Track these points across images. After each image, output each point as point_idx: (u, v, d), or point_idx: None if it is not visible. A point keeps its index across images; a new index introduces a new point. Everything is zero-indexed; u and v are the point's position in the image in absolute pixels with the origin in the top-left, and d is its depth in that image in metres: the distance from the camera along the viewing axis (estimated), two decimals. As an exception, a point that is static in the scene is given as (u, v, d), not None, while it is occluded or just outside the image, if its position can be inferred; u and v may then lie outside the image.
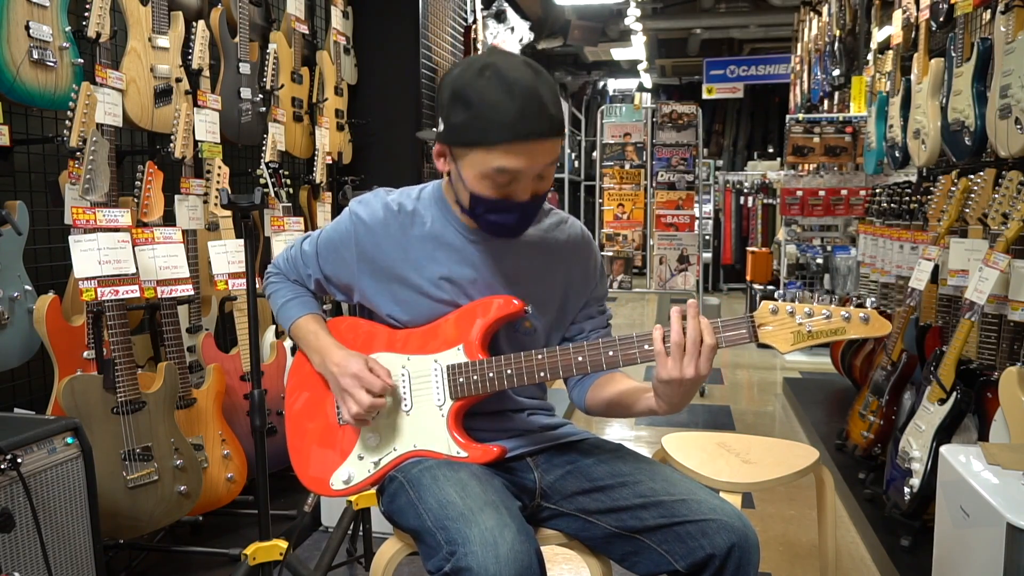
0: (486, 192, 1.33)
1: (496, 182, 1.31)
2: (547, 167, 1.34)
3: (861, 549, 2.75)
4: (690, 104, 5.31)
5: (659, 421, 4.43)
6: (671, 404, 1.32)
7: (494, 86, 1.26)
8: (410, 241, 1.46)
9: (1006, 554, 1.52)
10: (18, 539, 1.62)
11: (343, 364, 1.44)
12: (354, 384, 1.41)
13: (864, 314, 1.25)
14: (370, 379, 1.40)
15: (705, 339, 1.25)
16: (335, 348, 1.48)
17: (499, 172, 1.29)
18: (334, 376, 1.45)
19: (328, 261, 1.53)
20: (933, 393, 2.43)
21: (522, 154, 1.28)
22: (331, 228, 1.54)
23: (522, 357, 1.38)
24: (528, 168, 1.30)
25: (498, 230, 1.40)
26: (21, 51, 2.03)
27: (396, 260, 1.46)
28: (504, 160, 1.28)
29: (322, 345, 1.50)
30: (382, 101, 4.02)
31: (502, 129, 1.26)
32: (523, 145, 1.27)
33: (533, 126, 1.26)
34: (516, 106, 1.25)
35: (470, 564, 1.16)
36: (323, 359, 1.49)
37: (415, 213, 1.48)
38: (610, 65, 12.87)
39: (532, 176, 1.33)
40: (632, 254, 5.31)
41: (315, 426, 1.53)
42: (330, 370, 1.46)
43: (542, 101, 1.26)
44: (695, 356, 1.25)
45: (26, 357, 2.16)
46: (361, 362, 1.43)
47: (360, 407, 1.40)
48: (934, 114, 3.02)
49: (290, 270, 1.62)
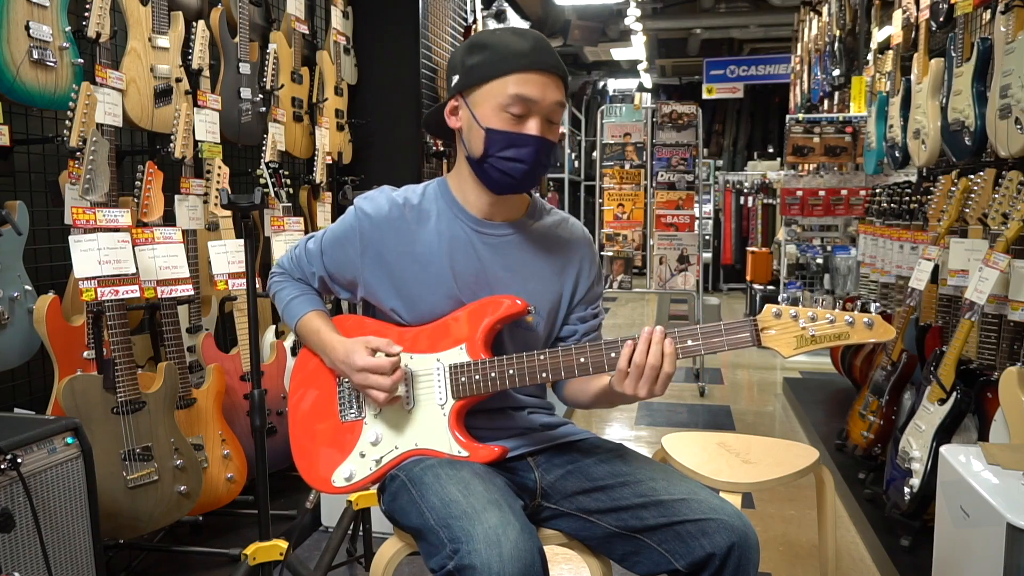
0: (507, 126, 1.39)
1: (511, 114, 1.38)
2: (555, 108, 1.40)
3: (861, 549, 2.75)
4: (690, 104, 5.31)
5: (659, 421, 4.44)
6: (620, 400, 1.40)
7: (508, 32, 1.43)
8: (414, 235, 1.47)
9: (1006, 554, 1.52)
10: (18, 539, 1.62)
11: (348, 360, 1.44)
12: (366, 377, 1.42)
13: (868, 319, 1.25)
14: (376, 363, 1.41)
15: (664, 367, 1.29)
16: (337, 344, 1.49)
17: (515, 100, 1.37)
18: (347, 375, 1.47)
19: (332, 258, 1.54)
20: (933, 393, 2.43)
21: (536, 84, 1.37)
22: (336, 225, 1.55)
23: (524, 357, 1.39)
24: (541, 98, 1.38)
25: (511, 172, 1.41)
26: (21, 51, 2.03)
27: (400, 254, 1.47)
28: (520, 87, 1.37)
29: (324, 342, 1.51)
30: (382, 101, 4.02)
31: (519, 57, 1.37)
32: (537, 75, 1.37)
33: (546, 58, 1.39)
34: (529, 43, 1.39)
35: (474, 562, 1.16)
36: (329, 358, 1.50)
37: (420, 208, 1.49)
38: (610, 65, 12.87)
39: (543, 112, 1.39)
40: (632, 254, 5.31)
41: (318, 423, 1.54)
42: (340, 369, 1.48)
43: (550, 46, 1.41)
44: (651, 380, 1.29)
45: (26, 357, 2.16)
46: (362, 350, 1.43)
47: (384, 391, 1.42)
48: (934, 114, 3.02)
49: (294, 269, 1.63)
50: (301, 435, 1.56)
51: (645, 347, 1.29)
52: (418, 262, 1.47)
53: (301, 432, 1.56)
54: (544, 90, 1.38)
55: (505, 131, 1.38)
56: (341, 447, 1.50)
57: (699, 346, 1.31)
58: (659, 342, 1.28)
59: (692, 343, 1.31)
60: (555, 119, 1.42)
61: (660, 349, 1.28)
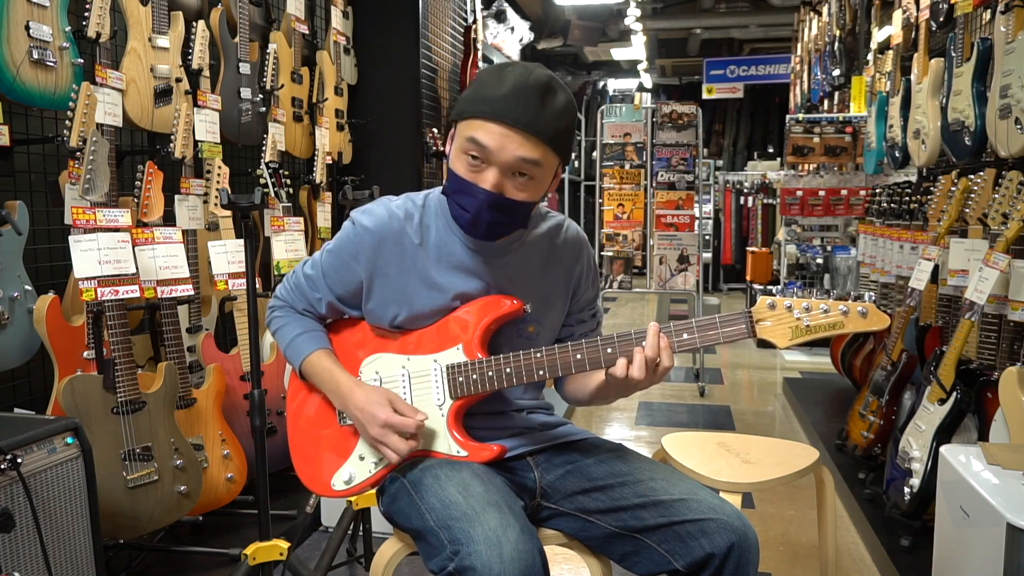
0: (459, 169, 1.34)
1: (468, 158, 1.32)
2: (522, 164, 1.30)
3: (861, 549, 2.75)
4: (690, 104, 5.31)
5: (659, 421, 4.44)
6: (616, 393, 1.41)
7: (501, 73, 1.32)
8: (415, 249, 1.45)
9: (1006, 554, 1.52)
10: (18, 539, 1.62)
11: (368, 410, 1.40)
12: (386, 433, 1.38)
13: (862, 308, 1.25)
14: (401, 422, 1.37)
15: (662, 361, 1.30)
16: (355, 388, 1.45)
17: (470, 143, 1.31)
18: (360, 423, 1.43)
19: (336, 278, 1.50)
20: (933, 393, 2.43)
21: (494, 134, 1.29)
22: (333, 244, 1.50)
23: (520, 356, 1.39)
24: (496, 150, 1.29)
25: (459, 217, 1.38)
26: (21, 51, 2.03)
27: (401, 267, 1.45)
28: (477, 132, 1.30)
29: (339, 384, 1.47)
30: (382, 101, 4.02)
31: (484, 102, 1.30)
32: (497, 125, 1.29)
33: (512, 112, 1.28)
34: (505, 90, 1.29)
35: (474, 564, 1.16)
36: (343, 401, 1.46)
37: (420, 221, 1.46)
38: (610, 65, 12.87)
39: (502, 165, 1.30)
40: (632, 254, 5.31)
41: (316, 427, 1.54)
42: (355, 415, 1.44)
43: (534, 99, 1.28)
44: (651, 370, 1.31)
45: (26, 357, 2.16)
46: (386, 406, 1.39)
47: (400, 455, 1.39)
48: (934, 114, 3.02)
49: (296, 299, 1.57)
50: (300, 439, 1.55)
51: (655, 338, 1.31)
52: (419, 276, 1.45)
53: (300, 436, 1.55)
54: (503, 142, 1.28)
55: (458, 175, 1.34)
56: (340, 450, 1.50)
57: (695, 339, 1.31)
58: (655, 334, 1.30)
59: (688, 336, 1.32)
60: (531, 174, 1.32)
61: (656, 340, 1.30)
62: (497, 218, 1.35)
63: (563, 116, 1.31)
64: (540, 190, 1.37)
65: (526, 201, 1.35)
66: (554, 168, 1.36)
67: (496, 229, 1.38)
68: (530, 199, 1.35)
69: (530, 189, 1.34)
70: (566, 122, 1.32)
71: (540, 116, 1.29)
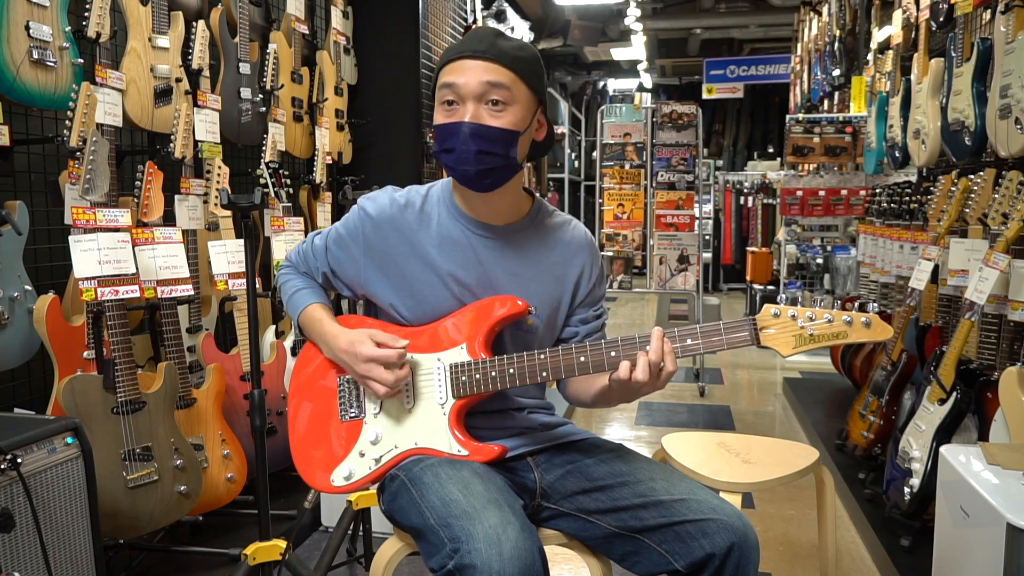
0: (441, 119, 1.40)
1: (445, 105, 1.39)
2: (487, 89, 1.36)
3: (861, 549, 2.75)
4: (690, 104, 5.31)
5: (659, 421, 4.44)
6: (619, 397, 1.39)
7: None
8: (416, 237, 1.47)
9: (1006, 554, 1.52)
10: (18, 539, 1.62)
11: (351, 349, 1.44)
12: (372, 367, 1.42)
13: (866, 318, 1.25)
14: (384, 355, 1.41)
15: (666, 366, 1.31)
16: (339, 333, 1.49)
17: (443, 89, 1.39)
18: (348, 364, 1.47)
19: (336, 256, 1.55)
20: (933, 393, 2.43)
21: (457, 69, 1.38)
22: (341, 224, 1.56)
23: (524, 357, 1.39)
24: (463, 83, 1.36)
25: (451, 165, 1.40)
26: (21, 51, 2.03)
27: (402, 255, 1.47)
28: (445, 76, 1.39)
29: (326, 332, 1.51)
30: (382, 101, 4.02)
31: (447, 54, 1.41)
32: (459, 62, 1.38)
33: (467, 46, 1.39)
34: (464, 39, 1.42)
35: (474, 561, 1.16)
36: (330, 347, 1.50)
37: (423, 209, 1.49)
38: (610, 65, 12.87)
39: (473, 95, 1.36)
40: (632, 254, 5.31)
41: (317, 422, 1.54)
42: (341, 358, 1.48)
43: (489, 35, 1.40)
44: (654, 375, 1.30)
45: (26, 357, 2.16)
46: (368, 342, 1.43)
47: (386, 385, 1.42)
48: (934, 114, 3.02)
49: (300, 263, 1.64)
50: (300, 435, 1.56)
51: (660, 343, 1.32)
52: (420, 264, 1.47)
53: (301, 432, 1.56)
54: (465, 73, 1.37)
55: (442, 123, 1.40)
56: (341, 446, 1.50)
57: (698, 345, 1.32)
58: (659, 338, 1.30)
59: (692, 342, 1.32)
60: (501, 99, 1.37)
61: (660, 344, 1.30)
62: (483, 147, 1.37)
63: (522, 48, 1.40)
64: (518, 117, 1.39)
65: (507, 128, 1.38)
66: (527, 101, 1.40)
67: (487, 164, 1.38)
68: (510, 126, 1.38)
69: (507, 115, 1.38)
70: (527, 54, 1.40)
71: (496, 45, 1.38)
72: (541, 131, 1.48)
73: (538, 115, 1.45)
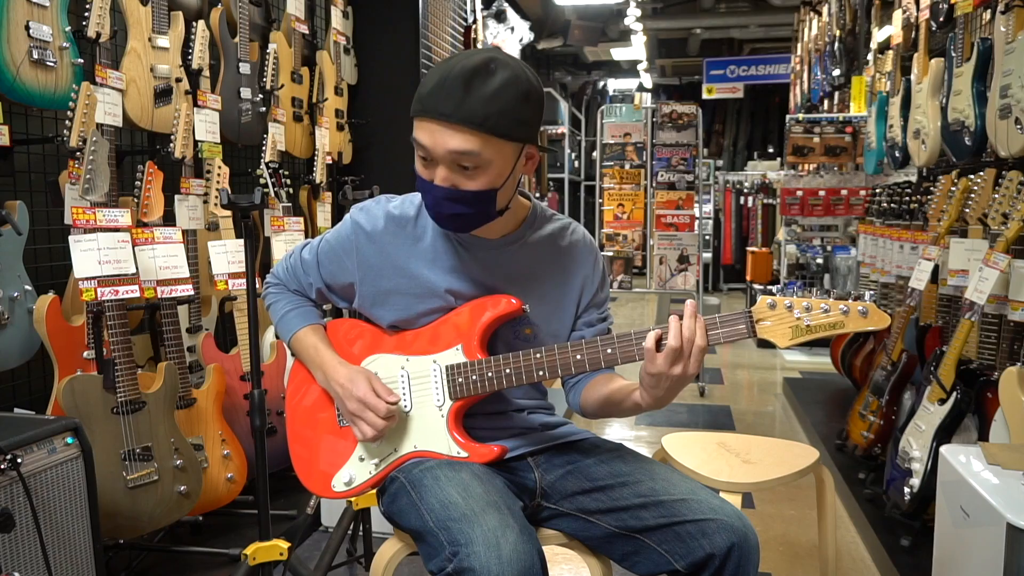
0: (418, 168, 1.35)
1: (420, 158, 1.33)
2: (458, 156, 1.27)
3: (861, 549, 2.75)
4: (690, 104, 5.30)
5: (659, 421, 4.44)
6: (656, 399, 1.31)
7: (437, 66, 1.29)
8: (410, 251, 1.46)
9: (1006, 554, 1.52)
10: (18, 539, 1.62)
11: (347, 386, 1.43)
12: (361, 409, 1.40)
13: (862, 307, 1.25)
14: (376, 403, 1.39)
15: (696, 340, 1.25)
16: (338, 365, 1.47)
17: (415, 143, 1.31)
18: (339, 398, 1.45)
19: (329, 269, 1.53)
20: (933, 393, 2.43)
21: (427, 131, 1.29)
22: (332, 235, 1.53)
23: (520, 356, 1.38)
24: (431, 147, 1.28)
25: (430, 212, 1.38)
26: (21, 51, 2.03)
27: (397, 269, 1.46)
28: (416, 132, 1.31)
29: (324, 361, 1.49)
30: (382, 101, 4.01)
31: (418, 101, 1.29)
32: (427, 122, 1.28)
33: (437, 105, 1.25)
34: (432, 84, 1.27)
35: (473, 565, 1.16)
36: (326, 376, 1.48)
37: (417, 223, 1.47)
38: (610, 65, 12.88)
39: (443, 160, 1.29)
40: (632, 254, 5.31)
41: (316, 428, 1.54)
42: (335, 390, 1.46)
43: (457, 88, 1.24)
44: (685, 355, 1.25)
45: (26, 357, 2.16)
46: (365, 384, 1.41)
47: (372, 431, 1.40)
48: (934, 114, 3.02)
49: (290, 279, 1.60)
50: (299, 441, 1.55)
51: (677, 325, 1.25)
52: (414, 279, 1.45)
53: (299, 438, 1.55)
54: (433, 137, 1.27)
55: (419, 175, 1.35)
56: (340, 451, 1.50)
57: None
58: (691, 315, 1.25)
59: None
60: (472, 163, 1.27)
61: (692, 322, 1.25)
62: (459, 210, 1.33)
63: (495, 99, 1.24)
64: (496, 176, 1.31)
65: (485, 189, 1.31)
66: (505, 152, 1.29)
67: (465, 220, 1.36)
68: (487, 187, 1.31)
69: (481, 178, 1.30)
70: (501, 104, 1.24)
71: (464, 104, 1.24)
72: (532, 163, 1.38)
73: (525, 152, 1.34)
